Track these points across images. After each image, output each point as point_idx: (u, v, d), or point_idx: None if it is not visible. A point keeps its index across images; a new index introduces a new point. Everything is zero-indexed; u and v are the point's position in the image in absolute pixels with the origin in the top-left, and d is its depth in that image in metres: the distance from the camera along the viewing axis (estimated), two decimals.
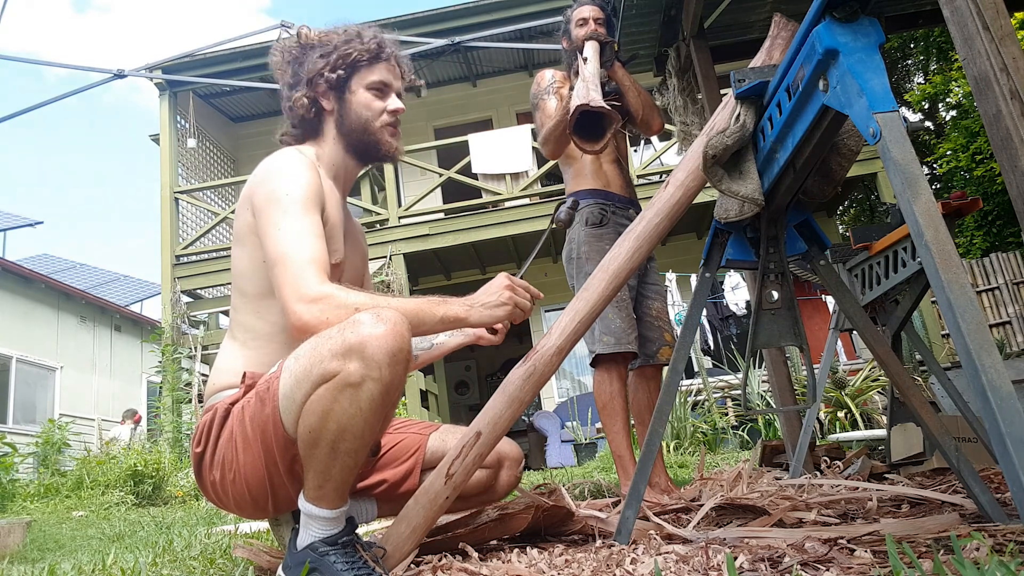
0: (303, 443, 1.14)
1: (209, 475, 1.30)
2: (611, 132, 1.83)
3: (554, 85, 2.37)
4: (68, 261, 15.67)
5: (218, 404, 1.30)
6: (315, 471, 1.14)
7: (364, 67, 1.41)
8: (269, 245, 1.24)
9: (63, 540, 3.12)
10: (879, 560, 1.00)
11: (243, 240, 1.34)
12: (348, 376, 1.08)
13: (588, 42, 2.19)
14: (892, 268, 2.23)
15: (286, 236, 1.22)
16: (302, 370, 1.13)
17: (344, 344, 1.08)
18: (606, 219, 2.30)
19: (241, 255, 1.35)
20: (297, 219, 1.24)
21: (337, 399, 1.09)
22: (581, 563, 1.19)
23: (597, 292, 1.40)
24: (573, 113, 1.77)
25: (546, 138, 2.27)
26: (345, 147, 1.43)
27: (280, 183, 1.29)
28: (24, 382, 10.20)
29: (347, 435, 1.11)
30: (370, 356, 1.07)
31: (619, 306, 2.21)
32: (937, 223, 0.97)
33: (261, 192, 1.30)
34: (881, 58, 1.04)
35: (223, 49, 8.37)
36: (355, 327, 1.09)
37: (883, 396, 4.99)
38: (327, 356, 1.09)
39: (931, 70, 12.89)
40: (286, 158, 1.33)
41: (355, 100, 1.41)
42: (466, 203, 7.92)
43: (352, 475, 1.16)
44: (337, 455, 1.12)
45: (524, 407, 1.38)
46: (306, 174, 1.30)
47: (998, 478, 1.77)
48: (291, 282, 1.18)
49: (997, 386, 0.90)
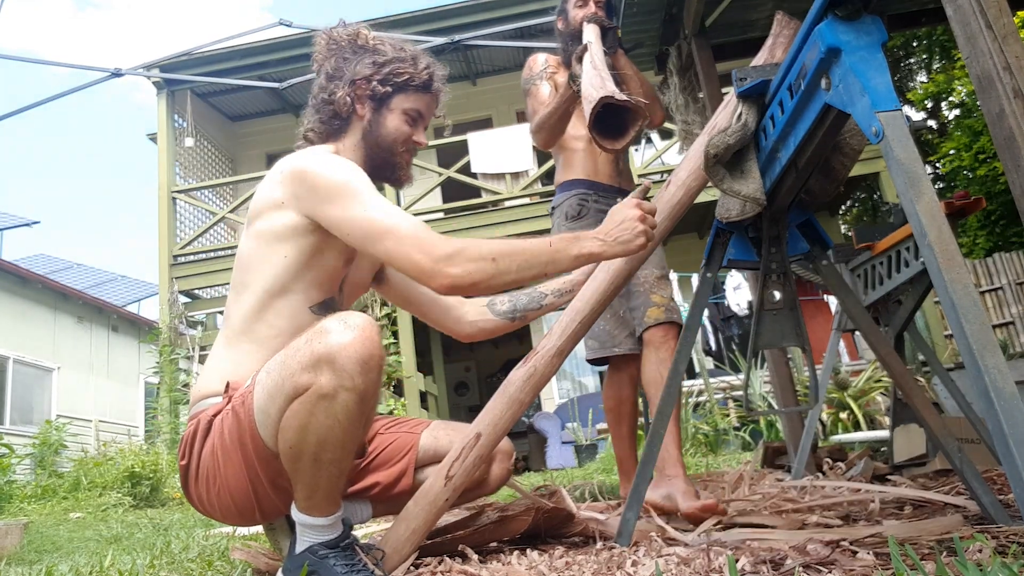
0: (286, 458, 1.13)
1: (195, 487, 1.28)
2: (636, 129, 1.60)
3: (547, 70, 2.20)
4: (65, 261, 15.64)
5: (201, 415, 1.27)
6: (302, 483, 1.13)
7: (410, 91, 1.40)
8: (360, 226, 1.21)
9: (60, 542, 3.11)
10: (881, 562, 0.99)
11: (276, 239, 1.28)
12: (320, 388, 1.06)
13: (588, 24, 1.97)
14: (895, 268, 2.23)
15: (380, 211, 1.21)
16: (274, 385, 1.12)
17: (313, 356, 1.07)
18: (585, 209, 2.14)
19: (262, 252, 1.29)
20: (375, 196, 1.24)
21: (313, 412, 1.07)
22: (582, 565, 1.18)
23: (598, 292, 1.40)
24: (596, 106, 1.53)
25: (539, 126, 2.09)
26: (364, 156, 1.41)
27: (344, 173, 1.27)
28: (21, 383, 10.18)
29: (328, 446, 1.09)
30: (340, 366, 1.06)
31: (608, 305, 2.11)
32: (940, 223, 0.96)
33: (322, 182, 1.25)
34: (884, 57, 1.03)
35: (221, 47, 8.36)
36: (322, 337, 1.08)
37: (886, 397, 4.98)
38: (297, 369, 1.08)
39: (934, 69, 12.89)
40: (332, 155, 1.33)
41: (390, 118, 1.40)
42: (466, 203, 7.92)
43: (340, 482, 1.16)
44: (321, 466, 1.11)
45: (524, 408, 1.37)
46: (356, 166, 1.31)
47: (1001, 479, 1.76)
48: (416, 246, 1.17)
49: (1000, 387, 0.89)
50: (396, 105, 1.39)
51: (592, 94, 1.57)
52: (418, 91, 1.41)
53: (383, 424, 1.53)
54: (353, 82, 1.38)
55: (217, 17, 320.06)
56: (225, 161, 10.01)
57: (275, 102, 9.62)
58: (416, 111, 1.41)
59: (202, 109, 9.44)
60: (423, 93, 1.42)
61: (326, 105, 1.40)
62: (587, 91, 1.61)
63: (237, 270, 1.34)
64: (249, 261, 1.31)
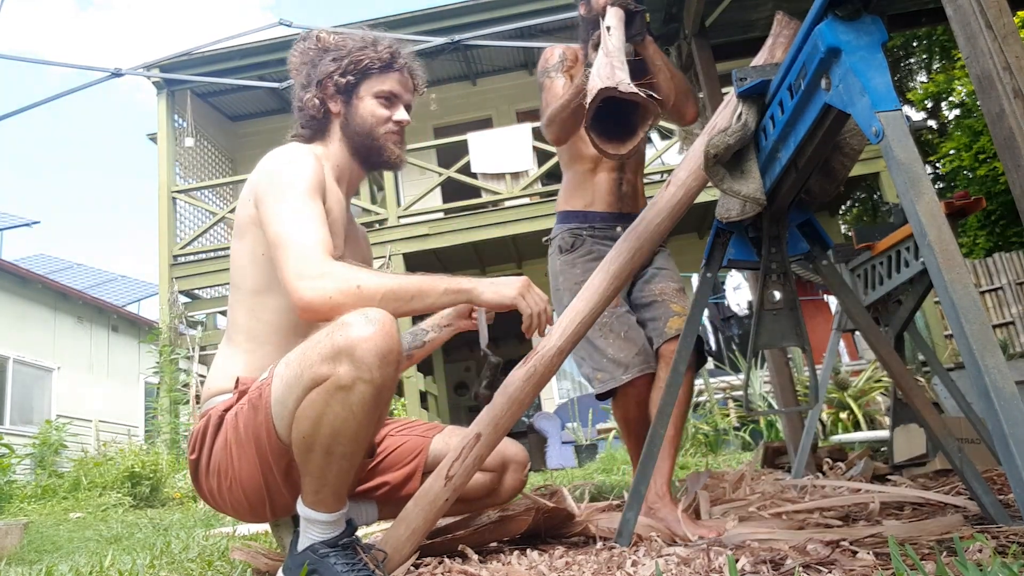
0: (298, 449, 1.13)
1: (206, 482, 1.30)
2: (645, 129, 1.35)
3: (564, 63, 2.04)
4: (65, 261, 15.65)
5: (212, 410, 1.30)
6: (311, 476, 1.13)
7: (375, 75, 1.42)
8: (271, 229, 1.23)
9: (60, 542, 3.11)
10: (881, 562, 0.99)
11: (244, 233, 1.33)
12: (339, 379, 1.07)
13: (611, 8, 1.76)
14: (895, 268, 2.23)
15: (289, 219, 1.22)
16: (293, 375, 1.13)
17: (333, 347, 1.08)
18: (579, 241, 1.99)
19: (240, 249, 1.35)
20: (301, 204, 1.25)
21: (329, 403, 1.08)
22: (582, 565, 1.18)
23: (598, 292, 1.40)
24: (594, 99, 1.29)
25: (551, 119, 1.89)
26: (350, 150, 1.43)
27: (284, 171, 1.29)
28: (21, 383, 10.18)
29: (341, 438, 1.10)
30: (360, 358, 1.07)
31: (607, 329, 1.85)
32: (940, 223, 0.96)
33: (264, 181, 1.30)
34: (884, 57, 1.03)
35: (221, 47, 8.36)
36: (343, 329, 1.09)
37: (886, 397, 4.98)
38: (316, 360, 1.09)
39: (934, 69, 12.89)
40: (290, 148, 1.35)
41: (362, 106, 1.41)
42: (466, 203, 7.91)
43: (349, 478, 1.16)
44: (332, 459, 1.11)
45: (525, 408, 1.37)
46: (310, 163, 1.31)
47: (1001, 479, 1.76)
48: (294, 261, 1.18)
49: (1000, 387, 0.89)
50: (365, 92, 1.41)
51: (595, 84, 1.32)
52: (383, 72, 1.42)
53: (395, 426, 1.53)
54: (320, 83, 1.41)
55: (218, 17, 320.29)
56: (225, 161, 10.01)
57: (275, 102, 9.62)
58: (387, 92, 1.42)
59: (202, 109, 9.44)
60: (389, 72, 1.42)
61: (302, 112, 1.44)
62: (591, 81, 1.37)
63: (230, 269, 1.38)
64: (236, 259, 1.36)
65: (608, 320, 1.85)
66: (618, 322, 1.87)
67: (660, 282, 1.98)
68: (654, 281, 1.99)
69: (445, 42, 7.68)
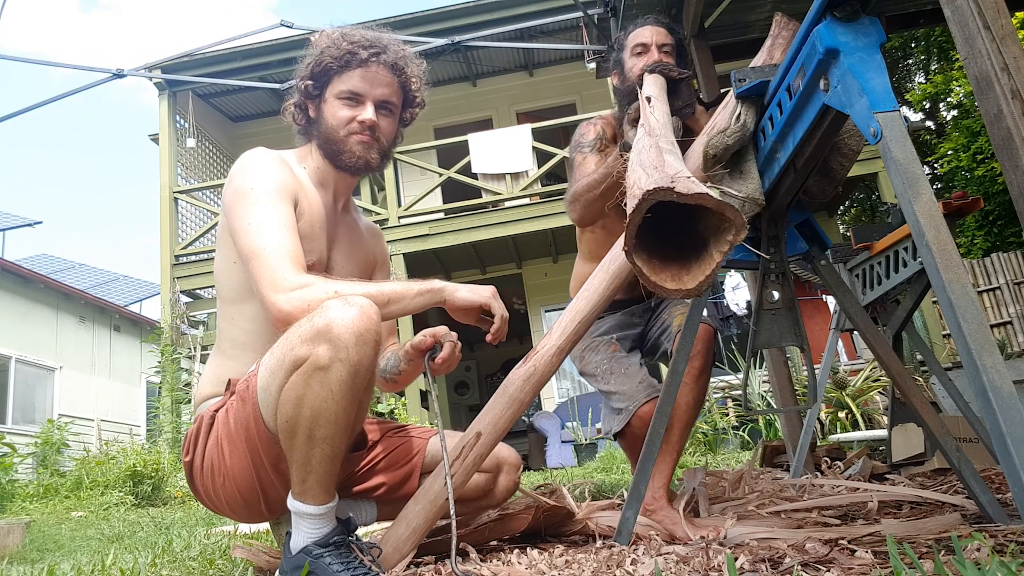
0: (282, 434, 1.15)
1: (201, 482, 1.31)
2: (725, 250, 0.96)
3: (601, 141, 1.81)
4: (67, 261, 15.67)
5: (203, 413, 1.32)
6: (297, 463, 1.15)
7: (335, 75, 1.38)
8: (241, 241, 1.24)
9: (62, 541, 3.11)
10: (880, 561, 1.00)
11: (220, 242, 1.36)
12: (317, 360, 1.09)
13: (649, 76, 1.55)
14: (893, 268, 2.23)
15: (257, 229, 1.23)
16: (275, 361, 1.15)
17: (312, 329, 1.10)
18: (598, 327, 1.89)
19: (218, 258, 1.37)
20: (266, 211, 1.25)
21: (309, 384, 1.10)
22: (581, 564, 1.18)
23: (598, 292, 1.40)
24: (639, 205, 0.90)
25: (575, 196, 1.70)
26: (321, 154, 1.42)
27: (246, 178, 1.30)
28: (23, 382, 10.20)
29: (321, 420, 1.11)
30: (336, 337, 1.08)
31: (609, 372, 1.80)
32: (938, 223, 0.96)
33: (229, 191, 1.31)
34: (882, 57, 1.03)
35: (222, 48, 8.37)
36: (323, 312, 1.11)
37: (884, 396, 4.98)
38: (297, 343, 1.11)
39: (932, 69, 12.90)
40: (252, 155, 1.35)
41: (326, 109, 1.39)
42: (466, 203, 7.92)
43: (333, 466, 1.16)
44: (315, 442, 1.12)
45: (525, 408, 1.37)
46: (272, 167, 1.31)
47: (999, 478, 1.77)
48: (268, 275, 1.19)
49: (998, 386, 0.90)
50: (329, 94, 1.39)
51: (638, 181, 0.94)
52: (342, 71, 1.37)
53: (393, 428, 1.54)
54: (297, 88, 1.41)
55: (220, 18, 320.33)
56: (226, 162, 10.01)
57: (276, 103, 9.61)
58: (348, 91, 1.37)
59: (204, 110, 9.45)
60: (349, 70, 1.37)
61: (292, 122, 1.45)
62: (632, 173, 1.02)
63: (214, 277, 1.40)
64: (215, 268, 1.38)
65: (608, 365, 1.83)
66: (618, 364, 1.82)
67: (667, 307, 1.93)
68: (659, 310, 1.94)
69: (445, 43, 7.68)
